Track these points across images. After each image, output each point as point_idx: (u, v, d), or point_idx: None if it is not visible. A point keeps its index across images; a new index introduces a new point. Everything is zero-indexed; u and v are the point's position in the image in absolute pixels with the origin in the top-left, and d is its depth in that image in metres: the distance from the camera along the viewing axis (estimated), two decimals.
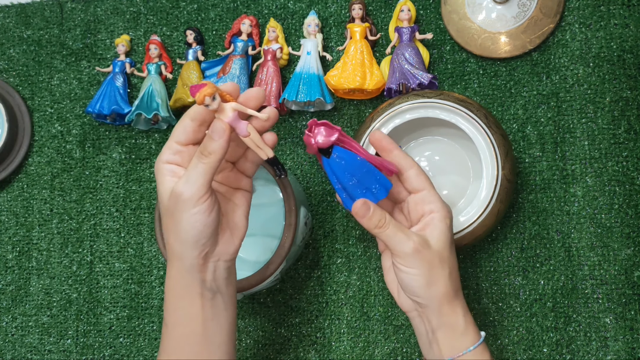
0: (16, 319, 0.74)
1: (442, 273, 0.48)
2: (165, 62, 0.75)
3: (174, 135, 0.46)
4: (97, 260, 0.74)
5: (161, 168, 0.46)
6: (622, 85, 0.65)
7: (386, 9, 0.72)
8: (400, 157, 0.50)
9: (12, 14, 0.81)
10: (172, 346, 0.48)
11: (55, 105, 0.78)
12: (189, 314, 0.47)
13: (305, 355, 0.67)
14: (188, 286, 0.47)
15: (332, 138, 0.46)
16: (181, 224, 0.45)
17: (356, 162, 0.47)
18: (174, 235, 0.46)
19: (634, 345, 0.60)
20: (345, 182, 0.47)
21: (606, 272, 0.62)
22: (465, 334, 0.49)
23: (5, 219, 0.77)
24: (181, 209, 0.44)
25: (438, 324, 0.49)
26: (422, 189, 0.50)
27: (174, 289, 0.47)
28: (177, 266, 0.47)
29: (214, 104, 0.43)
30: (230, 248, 0.48)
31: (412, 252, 0.47)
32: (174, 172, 0.46)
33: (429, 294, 0.48)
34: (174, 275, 0.47)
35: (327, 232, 0.69)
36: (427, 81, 0.64)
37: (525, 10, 0.67)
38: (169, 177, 0.46)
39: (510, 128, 0.67)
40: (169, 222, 0.46)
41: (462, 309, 0.50)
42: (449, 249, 0.49)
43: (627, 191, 0.63)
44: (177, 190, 0.44)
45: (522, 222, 0.65)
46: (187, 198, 0.44)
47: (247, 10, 0.75)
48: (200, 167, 0.44)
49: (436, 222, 0.49)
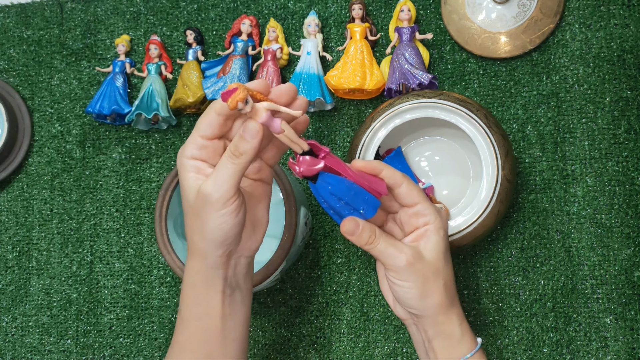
0: (16, 319, 0.74)
1: (437, 284, 0.48)
2: (165, 62, 0.75)
3: (199, 128, 0.45)
4: (97, 260, 0.74)
5: (185, 164, 0.45)
6: (622, 85, 0.65)
7: (386, 9, 0.72)
8: (389, 175, 0.49)
9: (12, 14, 0.81)
10: (188, 340, 0.48)
11: (55, 105, 0.78)
12: (208, 309, 0.47)
13: (305, 355, 0.67)
14: (209, 283, 0.47)
15: (316, 167, 0.45)
16: (208, 225, 0.44)
17: (343, 186, 0.46)
18: (199, 234, 0.45)
19: (634, 345, 0.60)
20: (333, 204, 0.46)
21: (606, 272, 0.62)
22: (462, 342, 0.49)
23: (5, 219, 0.77)
24: (209, 211, 0.43)
25: (434, 333, 0.49)
26: (415, 203, 0.49)
27: (195, 284, 0.47)
28: (199, 263, 0.46)
29: (247, 107, 0.41)
30: (253, 244, 0.48)
31: (405, 265, 0.47)
32: (199, 168, 0.45)
33: (423, 305, 0.48)
34: (195, 271, 0.47)
35: (327, 232, 0.69)
36: (427, 81, 0.64)
37: (525, 10, 0.67)
38: (193, 174, 0.44)
39: (510, 128, 0.67)
40: (194, 221, 0.45)
41: (458, 318, 0.49)
42: (444, 260, 0.49)
43: (627, 191, 0.63)
44: (205, 191, 0.43)
45: (522, 222, 0.65)
46: (216, 200, 0.42)
47: (247, 10, 0.75)
48: (231, 168, 0.42)
49: (430, 234, 0.48)
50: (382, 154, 0.66)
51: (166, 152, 0.74)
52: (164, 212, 0.63)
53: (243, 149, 0.42)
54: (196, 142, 0.44)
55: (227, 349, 0.48)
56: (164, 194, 0.63)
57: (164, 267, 0.72)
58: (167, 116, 0.72)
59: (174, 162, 0.74)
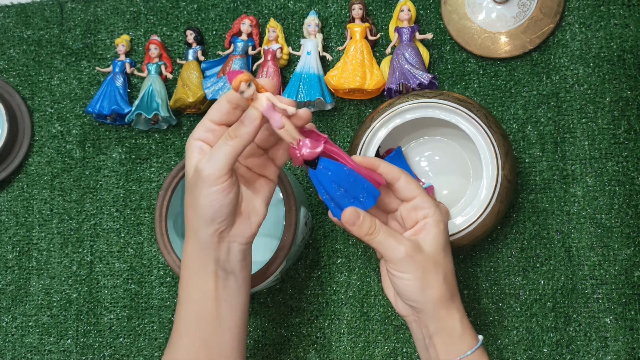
0: (16, 319, 0.74)
1: (437, 277, 0.48)
2: (165, 62, 0.75)
3: (209, 114, 0.47)
4: (97, 260, 0.74)
5: (192, 144, 0.47)
6: (622, 85, 0.65)
7: (386, 9, 0.72)
8: (387, 170, 0.50)
9: (12, 14, 0.81)
10: (183, 324, 0.49)
11: (55, 105, 0.78)
12: (202, 290, 0.48)
13: (305, 355, 0.67)
14: (202, 263, 0.48)
15: (317, 150, 0.46)
16: (199, 200, 0.46)
17: (343, 172, 0.46)
18: (192, 210, 0.47)
19: (634, 345, 0.60)
20: (333, 192, 0.47)
21: (606, 272, 0.62)
22: (462, 339, 0.49)
23: (5, 219, 0.77)
24: (200, 186, 0.45)
25: (435, 329, 0.49)
26: (414, 196, 0.50)
27: (190, 265, 0.49)
28: (192, 242, 0.48)
29: (249, 90, 0.43)
30: (246, 231, 0.49)
31: (405, 257, 0.47)
32: (202, 149, 0.47)
33: (423, 298, 0.48)
34: (189, 251, 0.48)
35: (327, 232, 0.69)
36: (427, 81, 0.64)
37: (525, 10, 0.67)
38: (196, 154, 0.47)
39: (510, 128, 0.67)
40: (189, 197, 0.47)
41: (459, 313, 0.49)
42: (443, 253, 0.49)
43: (627, 191, 0.63)
44: (198, 167, 0.45)
45: (522, 222, 0.65)
46: (207, 176, 0.45)
47: (247, 10, 0.75)
48: (225, 149, 0.45)
49: (429, 227, 0.49)
50: (382, 154, 0.66)
51: (166, 152, 0.74)
52: (164, 212, 0.63)
53: (239, 132, 0.45)
54: (205, 125, 0.47)
55: (223, 337, 0.49)
56: (164, 194, 0.63)
57: (164, 267, 0.72)
58: (167, 116, 0.72)
59: (174, 162, 0.74)
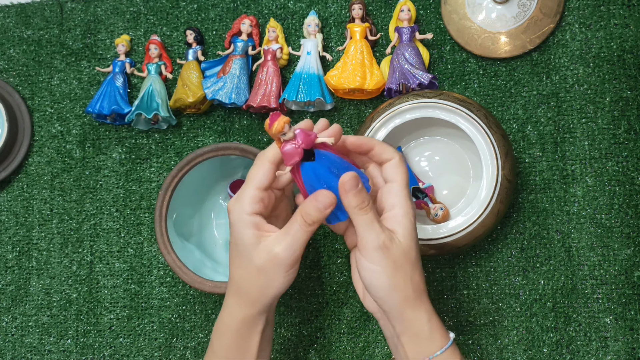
0: (16, 319, 0.74)
1: (405, 274, 0.46)
2: (165, 62, 0.75)
3: (254, 180, 0.47)
4: (97, 260, 0.74)
5: (245, 220, 0.47)
6: (622, 85, 0.65)
7: (386, 9, 0.72)
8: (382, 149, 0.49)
9: (12, 14, 0.81)
10: None
11: (55, 105, 0.78)
12: (246, 350, 0.50)
13: (305, 355, 0.67)
14: (253, 326, 0.49)
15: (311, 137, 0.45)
16: (274, 282, 0.47)
17: (337, 159, 0.46)
18: (260, 289, 0.48)
19: (634, 345, 0.60)
20: (329, 180, 0.46)
21: (606, 272, 0.62)
22: (431, 339, 0.47)
23: (5, 219, 0.77)
24: (278, 271, 0.46)
25: (401, 329, 0.47)
26: (392, 180, 0.48)
27: (236, 328, 0.50)
28: (246, 311, 0.49)
29: (290, 132, 0.44)
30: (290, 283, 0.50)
31: (381, 246, 0.45)
32: (258, 225, 0.47)
33: (390, 296, 0.46)
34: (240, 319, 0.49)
35: (327, 232, 0.69)
36: (427, 81, 0.64)
37: (525, 10, 0.67)
38: (254, 231, 0.47)
39: (510, 128, 0.67)
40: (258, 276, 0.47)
41: (427, 314, 0.47)
42: (415, 249, 0.47)
43: (627, 191, 0.63)
44: (278, 255, 0.46)
45: (522, 222, 0.65)
46: (288, 263, 0.46)
47: (247, 10, 0.75)
48: (303, 236, 0.46)
49: (400, 218, 0.47)
50: None
51: (166, 152, 0.74)
52: (164, 212, 0.63)
53: (316, 218, 0.45)
54: (254, 196, 0.47)
55: None
56: (164, 194, 0.63)
57: (164, 267, 0.72)
58: (167, 116, 0.72)
59: (174, 162, 0.74)
